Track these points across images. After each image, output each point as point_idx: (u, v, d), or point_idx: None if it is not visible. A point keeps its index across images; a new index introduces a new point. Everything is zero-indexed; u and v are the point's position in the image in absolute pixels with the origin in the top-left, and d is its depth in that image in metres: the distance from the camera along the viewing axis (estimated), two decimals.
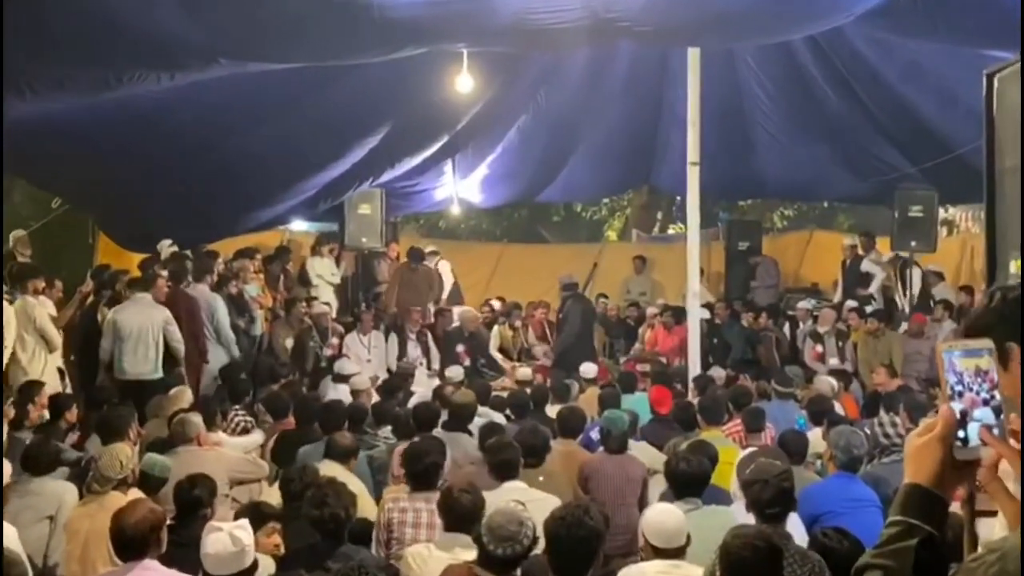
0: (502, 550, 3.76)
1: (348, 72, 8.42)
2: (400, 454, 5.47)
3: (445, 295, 13.08)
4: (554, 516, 3.64)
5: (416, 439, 5.71)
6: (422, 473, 5.03)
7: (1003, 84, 3.23)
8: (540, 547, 3.81)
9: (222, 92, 7.90)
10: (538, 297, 13.11)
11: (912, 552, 1.48)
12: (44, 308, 8.24)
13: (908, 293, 11.91)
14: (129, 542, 3.98)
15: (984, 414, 1.53)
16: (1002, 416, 1.51)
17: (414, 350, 10.81)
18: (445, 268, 13.45)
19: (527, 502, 4.63)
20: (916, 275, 11.86)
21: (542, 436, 5.86)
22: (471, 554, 3.94)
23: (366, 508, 5.12)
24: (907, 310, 11.52)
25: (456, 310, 11.88)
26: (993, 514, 1.63)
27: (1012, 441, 1.49)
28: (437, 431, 6.33)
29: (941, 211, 12.70)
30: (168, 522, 4.31)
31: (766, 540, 3.46)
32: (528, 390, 8.44)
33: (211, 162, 9.47)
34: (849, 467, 5.29)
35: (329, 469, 5.35)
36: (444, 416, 6.78)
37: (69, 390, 8.01)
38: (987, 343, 1.53)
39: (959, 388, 1.55)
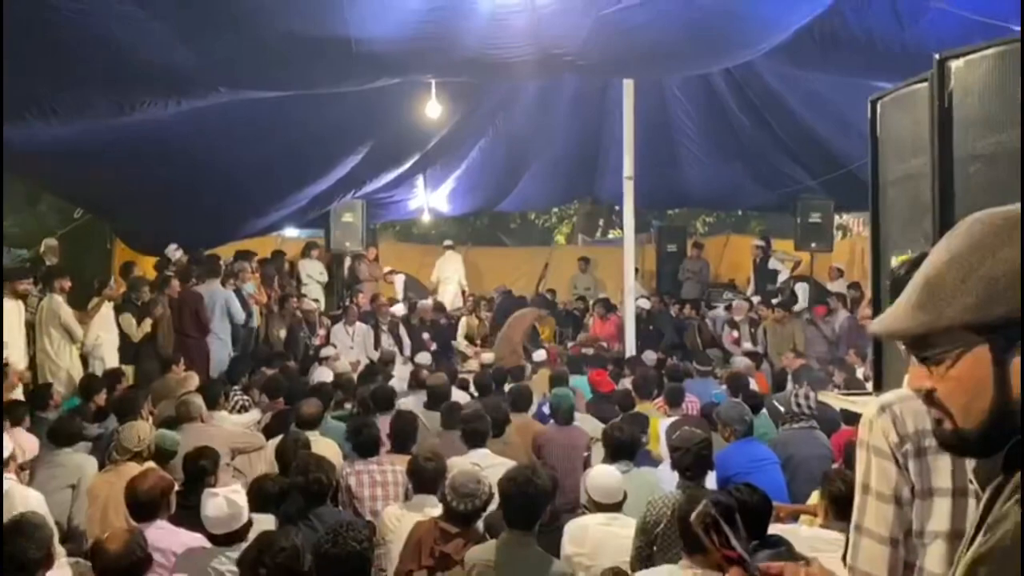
0: (463, 505, 3.79)
1: (332, 99, 8.37)
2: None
3: (400, 293, 13.08)
4: (507, 477, 3.64)
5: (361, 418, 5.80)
6: (363, 443, 5.09)
7: (884, 109, 3.28)
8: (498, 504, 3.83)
9: (222, 116, 7.83)
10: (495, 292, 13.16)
11: None
12: (68, 307, 8.14)
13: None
14: (142, 506, 3.97)
15: None
16: None
17: (387, 340, 10.77)
18: (399, 282, 13.42)
19: (492, 466, 4.68)
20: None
21: (503, 411, 5.91)
22: (438, 511, 3.96)
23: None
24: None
25: (419, 303, 11.93)
26: None
27: None
28: (419, 410, 6.36)
29: (836, 217, 12.90)
30: (177, 488, 4.29)
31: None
32: (491, 371, 8.45)
33: (214, 177, 9.38)
34: (744, 434, 5.34)
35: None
36: (424, 396, 6.83)
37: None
38: None
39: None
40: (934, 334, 1.14)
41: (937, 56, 2.63)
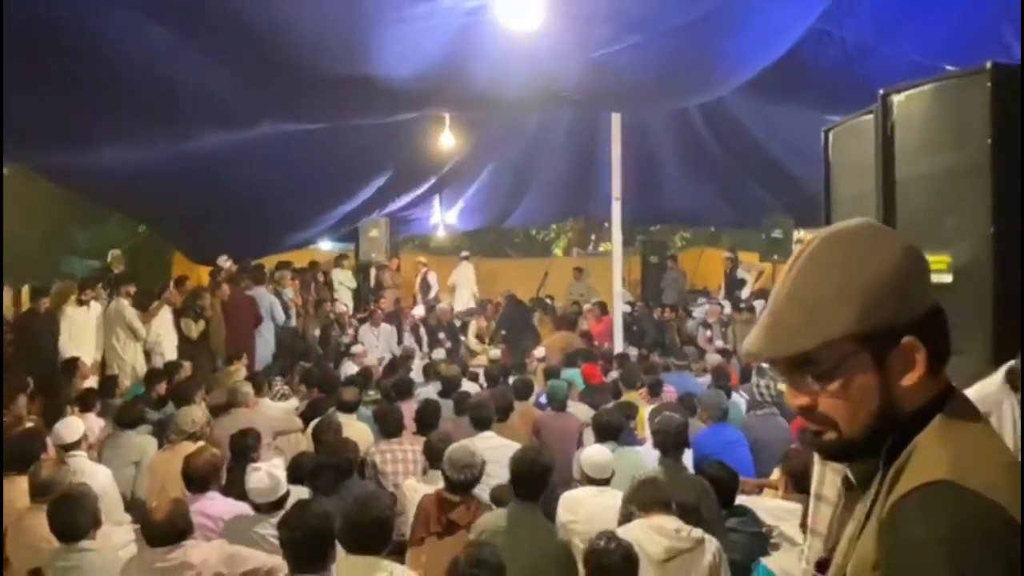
0: (461, 476, 3.81)
1: (361, 130, 8.41)
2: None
3: (432, 295, 13.09)
4: (516, 457, 3.70)
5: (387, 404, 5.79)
6: (389, 426, 5.11)
7: (836, 138, 3.29)
8: (506, 479, 3.84)
9: (266, 144, 7.87)
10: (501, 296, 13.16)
11: None
12: (132, 309, 8.18)
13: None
14: (197, 479, 3.99)
15: None
16: None
17: (409, 338, 10.78)
18: (432, 277, 13.46)
19: (497, 447, 4.68)
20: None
21: (507, 399, 5.89)
22: None
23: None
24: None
25: (438, 307, 11.94)
26: None
27: None
28: (434, 397, 6.35)
29: (796, 233, 12.88)
30: (227, 464, 4.30)
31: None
32: (498, 365, 8.43)
33: (259, 197, 9.41)
34: (720, 419, 5.36)
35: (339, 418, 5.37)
36: (439, 386, 6.81)
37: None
38: None
39: None
40: (817, 350, 1.03)
41: (881, 91, 2.63)
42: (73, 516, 3.32)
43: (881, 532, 0.99)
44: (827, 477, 1.89)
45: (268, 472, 3.74)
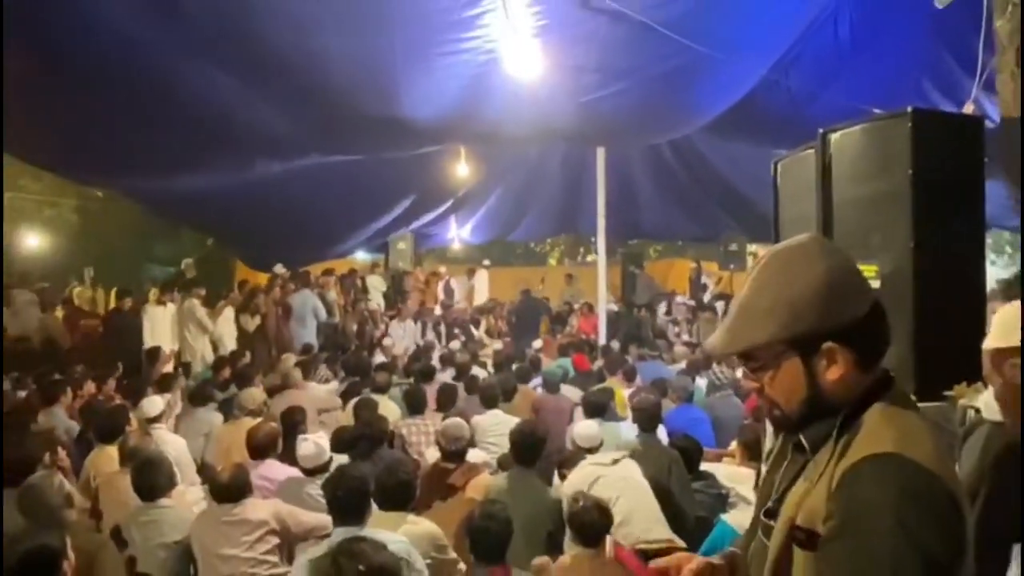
0: (453, 447, 3.82)
1: (391, 161, 8.42)
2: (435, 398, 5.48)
3: (456, 298, 13.11)
4: (516, 429, 3.71)
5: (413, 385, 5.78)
6: (414, 404, 5.10)
7: (783, 168, 3.28)
8: (507, 448, 3.84)
9: (313, 172, 7.89)
10: (507, 298, 13.15)
11: None
12: (201, 308, 8.21)
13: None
14: (258, 448, 4.00)
15: None
16: None
17: (430, 332, 10.79)
18: (454, 283, 13.47)
19: (502, 423, 4.69)
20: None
21: (512, 383, 5.89)
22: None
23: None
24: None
25: (454, 306, 11.93)
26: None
27: None
28: (448, 381, 6.36)
29: (749, 246, 12.88)
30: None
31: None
32: (503, 354, 8.41)
33: (306, 216, 9.41)
34: (687, 400, 5.38)
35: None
36: (453, 372, 6.81)
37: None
38: None
39: None
40: (755, 349, 1.10)
41: (821, 131, 2.64)
42: (152, 478, 3.33)
43: (835, 492, 1.00)
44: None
45: (315, 442, 3.76)
